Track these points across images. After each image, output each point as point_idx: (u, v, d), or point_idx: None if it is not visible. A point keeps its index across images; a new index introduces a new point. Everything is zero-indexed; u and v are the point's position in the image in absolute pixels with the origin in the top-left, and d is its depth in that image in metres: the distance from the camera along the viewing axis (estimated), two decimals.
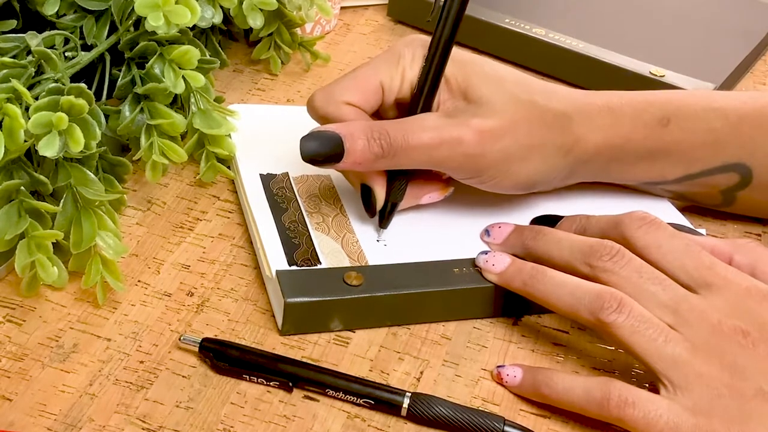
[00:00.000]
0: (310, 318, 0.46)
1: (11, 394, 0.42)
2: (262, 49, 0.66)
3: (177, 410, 0.42)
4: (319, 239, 0.49)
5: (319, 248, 0.48)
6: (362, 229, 0.50)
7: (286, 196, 0.52)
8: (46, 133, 0.45)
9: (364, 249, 0.49)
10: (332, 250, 0.48)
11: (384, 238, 0.50)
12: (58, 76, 0.49)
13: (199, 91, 0.53)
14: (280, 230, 0.49)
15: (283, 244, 0.48)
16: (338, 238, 0.49)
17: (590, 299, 0.43)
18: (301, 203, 0.51)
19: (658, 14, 0.74)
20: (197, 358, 0.44)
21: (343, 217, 0.51)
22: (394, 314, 0.47)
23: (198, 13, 0.51)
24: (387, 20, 0.75)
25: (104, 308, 0.46)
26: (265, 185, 0.53)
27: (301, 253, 0.48)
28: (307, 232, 0.49)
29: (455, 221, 0.52)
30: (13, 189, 0.46)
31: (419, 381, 0.44)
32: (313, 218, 0.50)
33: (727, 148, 0.52)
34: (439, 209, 0.53)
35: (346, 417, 0.42)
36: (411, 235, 0.50)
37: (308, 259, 0.47)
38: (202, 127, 0.53)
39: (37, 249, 0.45)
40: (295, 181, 0.53)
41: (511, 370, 0.44)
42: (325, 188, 0.53)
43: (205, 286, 0.48)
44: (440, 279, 0.47)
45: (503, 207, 0.53)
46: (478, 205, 0.53)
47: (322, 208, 0.51)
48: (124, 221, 0.52)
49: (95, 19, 0.55)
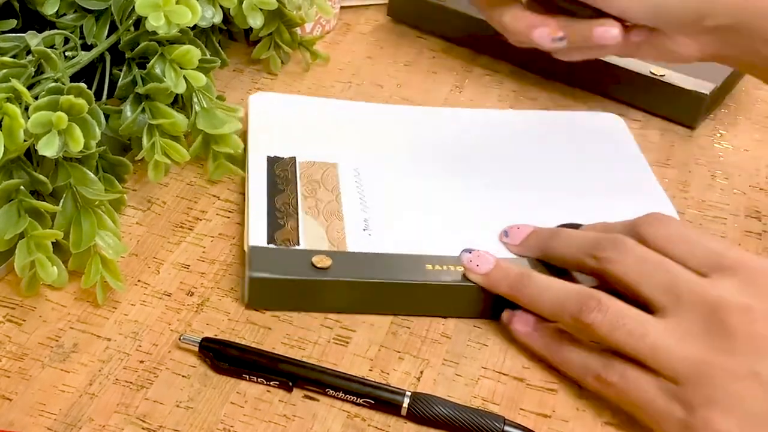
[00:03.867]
0: (274, 295, 0.47)
1: (11, 394, 0.42)
2: (262, 49, 0.66)
3: (177, 410, 0.42)
4: (305, 222, 0.50)
5: (302, 231, 0.49)
6: (352, 217, 0.51)
7: (287, 178, 0.53)
8: (45, 133, 0.45)
9: (347, 236, 0.49)
10: (315, 234, 0.49)
11: (370, 227, 0.50)
12: (58, 75, 0.49)
13: (201, 90, 0.53)
14: (270, 210, 0.50)
15: (269, 223, 0.49)
16: (325, 224, 0.50)
17: (571, 302, 0.43)
18: (299, 186, 0.52)
19: None
20: (197, 358, 0.44)
21: (336, 204, 0.51)
22: (357, 301, 0.47)
23: (199, 12, 0.51)
24: (387, 20, 0.75)
25: (104, 308, 0.46)
26: (270, 167, 0.54)
27: (282, 233, 0.49)
28: (296, 215, 0.50)
29: (447, 218, 0.52)
30: (12, 188, 0.46)
31: (419, 381, 0.44)
32: (306, 202, 0.51)
33: None
34: (434, 204, 0.53)
35: (346, 417, 0.42)
36: (397, 228, 0.51)
37: (288, 240, 0.48)
38: (206, 127, 0.53)
39: (36, 248, 0.45)
40: (301, 166, 0.54)
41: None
42: (328, 175, 0.54)
43: (205, 286, 0.48)
44: (408, 272, 0.47)
45: (502, 207, 0.53)
46: (475, 204, 0.53)
47: (318, 194, 0.52)
48: (124, 221, 0.52)
49: (95, 18, 0.55)
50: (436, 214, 0.52)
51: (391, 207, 0.52)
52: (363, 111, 0.61)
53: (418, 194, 0.53)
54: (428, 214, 0.52)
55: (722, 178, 0.61)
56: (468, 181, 0.55)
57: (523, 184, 0.55)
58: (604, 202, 0.54)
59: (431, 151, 0.57)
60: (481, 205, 0.53)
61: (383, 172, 0.55)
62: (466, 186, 0.54)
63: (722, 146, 0.64)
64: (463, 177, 0.55)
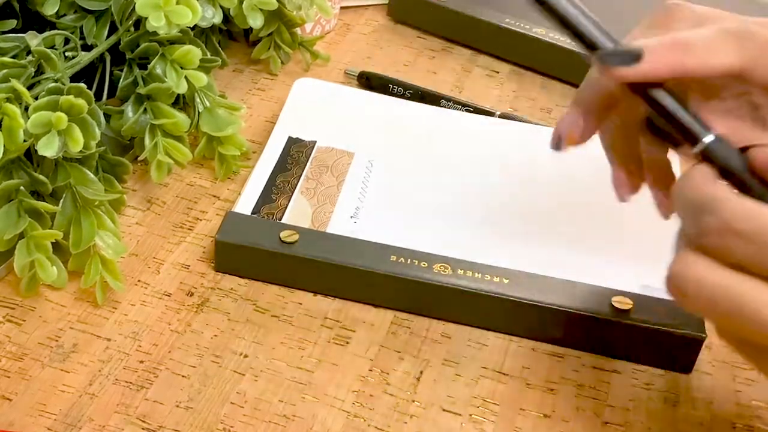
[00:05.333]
0: (239, 261, 0.48)
1: (11, 394, 0.42)
2: (262, 49, 0.66)
3: (177, 410, 0.42)
4: (297, 201, 0.51)
5: (290, 208, 0.50)
6: (345, 204, 0.52)
7: (299, 159, 0.54)
8: (45, 133, 0.45)
9: (331, 220, 0.50)
10: (302, 213, 0.50)
11: (358, 215, 0.51)
12: (58, 76, 0.49)
13: (203, 90, 0.53)
14: (268, 185, 0.52)
15: (261, 195, 0.51)
16: (316, 205, 0.51)
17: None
18: (307, 168, 0.53)
19: None
20: (197, 358, 0.44)
21: (336, 190, 0.52)
22: (316, 280, 0.48)
23: (199, 13, 0.51)
24: (387, 20, 0.75)
25: (104, 308, 0.46)
26: (287, 146, 0.55)
27: (269, 207, 0.50)
28: (291, 193, 0.51)
29: (440, 218, 0.52)
30: (12, 189, 0.46)
31: (419, 381, 0.44)
32: (306, 183, 0.52)
33: None
34: (432, 204, 0.52)
35: (346, 417, 0.42)
36: (385, 220, 0.51)
37: (272, 214, 0.50)
38: (210, 129, 0.53)
39: (36, 249, 0.45)
40: (318, 150, 0.55)
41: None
42: (340, 163, 0.55)
43: (205, 286, 0.48)
44: (369, 259, 0.47)
45: (500, 220, 0.52)
46: (472, 209, 0.53)
47: (322, 177, 0.53)
48: (124, 221, 0.52)
49: (95, 19, 0.55)
50: (427, 214, 0.52)
51: (387, 201, 0.52)
52: (397, 108, 0.61)
53: (419, 193, 0.53)
54: (419, 212, 0.52)
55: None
56: (471, 187, 0.55)
57: (517, 196, 0.54)
58: (593, 221, 0.53)
59: (449, 154, 0.57)
60: (472, 210, 0.53)
61: (395, 168, 0.55)
62: (466, 191, 0.54)
63: None
64: (467, 182, 0.55)
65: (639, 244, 0.51)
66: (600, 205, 0.53)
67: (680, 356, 0.46)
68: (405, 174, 0.55)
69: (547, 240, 0.51)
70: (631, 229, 0.52)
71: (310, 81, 0.62)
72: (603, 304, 0.46)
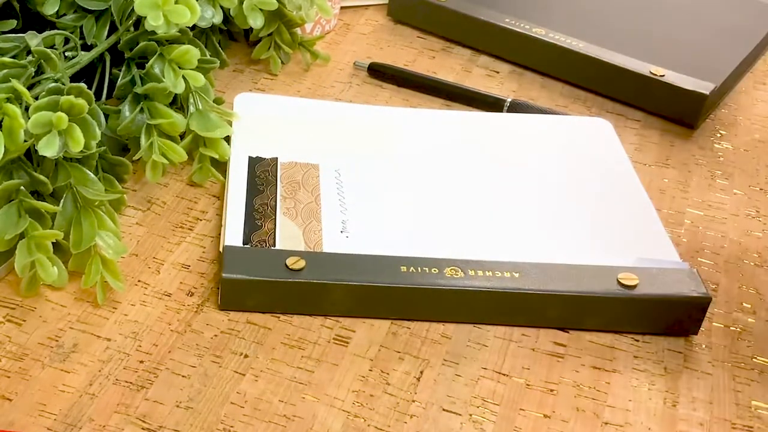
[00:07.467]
0: (248, 296, 0.46)
1: (11, 394, 0.42)
2: (262, 49, 0.66)
3: (177, 410, 0.42)
4: (283, 224, 0.50)
5: (279, 232, 0.49)
6: (330, 219, 0.51)
7: (267, 179, 0.53)
8: (45, 133, 0.45)
9: (323, 238, 0.49)
10: (292, 235, 0.49)
11: (348, 229, 0.50)
12: (58, 75, 0.49)
13: (198, 91, 0.53)
14: (248, 210, 0.50)
15: (245, 223, 0.49)
16: (302, 225, 0.50)
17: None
18: (279, 187, 0.52)
19: (658, 14, 0.74)
20: (197, 358, 0.44)
21: (315, 205, 0.51)
22: (332, 303, 0.47)
23: (198, 12, 0.51)
24: (387, 20, 0.75)
25: (104, 308, 0.47)
26: (251, 167, 0.54)
27: (259, 234, 0.49)
28: (274, 216, 0.50)
29: (425, 220, 0.52)
30: (12, 189, 0.46)
31: (419, 381, 0.44)
32: (285, 203, 0.51)
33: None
34: (413, 206, 0.52)
35: (346, 417, 0.42)
36: (375, 230, 0.50)
37: (264, 241, 0.48)
38: (198, 129, 0.53)
39: (36, 249, 0.45)
40: (282, 166, 0.54)
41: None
42: (308, 177, 0.54)
43: (205, 286, 0.48)
44: (381, 274, 0.47)
45: (481, 211, 0.52)
46: (454, 207, 0.53)
47: (297, 195, 0.52)
48: (124, 221, 0.52)
49: (95, 19, 0.55)
50: (415, 217, 0.52)
51: (369, 209, 0.52)
52: (347, 112, 0.61)
53: (398, 196, 0.53)
54: (407, 216, 0.52)
55: (722, 178, 0.61)
56: (449, 184, 0.55)
57: (505, 188, 0.55)
58: (587, 207, 0.53)
59: (413, 153, 0.57)
60: (460, 208, 0.53)
61: (364, 174, 0.55)
62: (446, 189, 0.54)
63: (722, 146, 0.64)
64: (443, 180, 0.55)
65: (635, 221, 0.53)
66: (591, 186, 0.55)
67: (688, 320, 0.47)
68: (374, 178, 0.55)
69: (545, 227, 0.52)
70: (624, 210, 0.54)
71: (249, 96, 0.61)
72: (611, 283, 0.47)
